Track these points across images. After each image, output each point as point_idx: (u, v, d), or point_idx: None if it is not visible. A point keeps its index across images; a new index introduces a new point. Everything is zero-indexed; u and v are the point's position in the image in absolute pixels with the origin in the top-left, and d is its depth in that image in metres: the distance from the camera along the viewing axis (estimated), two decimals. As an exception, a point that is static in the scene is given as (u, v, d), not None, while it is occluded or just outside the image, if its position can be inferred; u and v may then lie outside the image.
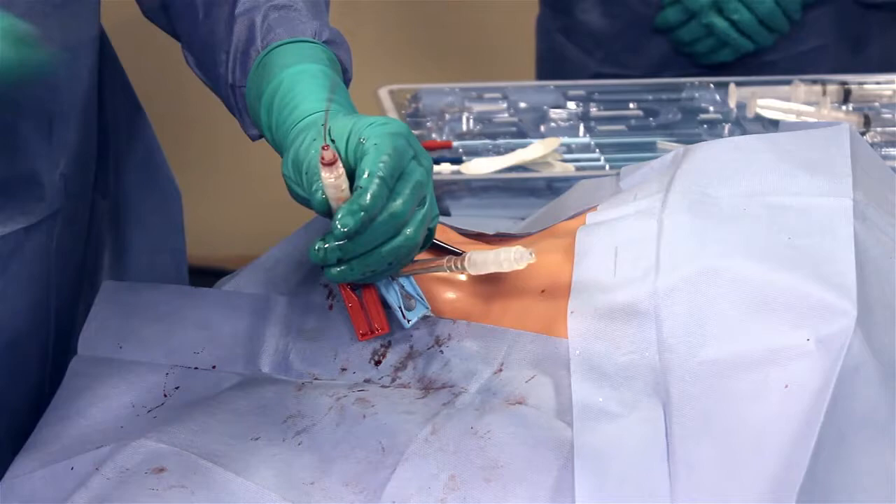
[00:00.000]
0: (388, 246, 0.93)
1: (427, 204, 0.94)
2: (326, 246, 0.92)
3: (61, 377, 1.04)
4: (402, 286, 0.99)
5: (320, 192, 0.91)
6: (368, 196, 0.90)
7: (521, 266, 0.95)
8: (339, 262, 0.93)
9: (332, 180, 0.90)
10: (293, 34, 1.02)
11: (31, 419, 1.03)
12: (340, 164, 0.90)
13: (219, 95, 1.08)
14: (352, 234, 0.90)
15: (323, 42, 1.03)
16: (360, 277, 0.94)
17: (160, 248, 1.25)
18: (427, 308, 0.99)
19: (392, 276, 0.98)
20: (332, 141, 0.92)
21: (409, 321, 0.99)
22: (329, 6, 1.10)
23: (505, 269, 0.95)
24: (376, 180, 0.90)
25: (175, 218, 1.28)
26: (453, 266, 0.97)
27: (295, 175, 0.93)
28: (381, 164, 0.90)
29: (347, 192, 0.91)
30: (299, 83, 0.98)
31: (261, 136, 1.05)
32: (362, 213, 0.89)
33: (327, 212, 0.92)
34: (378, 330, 0.99)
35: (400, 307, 0.99)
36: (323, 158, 0.89)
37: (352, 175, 0.91)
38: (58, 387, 1.03)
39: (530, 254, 0.94)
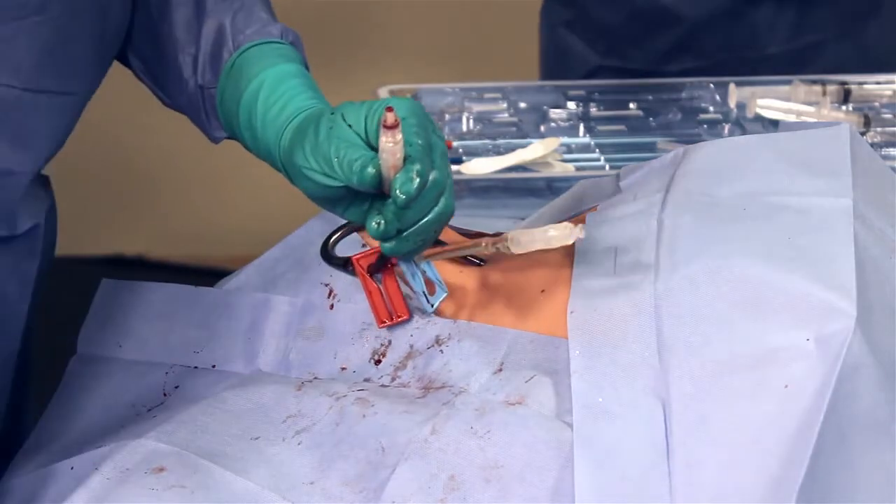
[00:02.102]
0: (432, 213, 0.93)
1: (450, 175, 0.95)
2: (385, 219, 0.93)
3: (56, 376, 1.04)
4: (424, 272, 1.00)
5: (370, 166, 0.90)
6: (419, 163, 0.90)
7: (569, 242, 0.92)
8: (399, 232, 0.94)
9: (391, 145, 0.90)
10: (263, 35, 1.03)
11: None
12: (400, 130, 0.91)
13: (167, 98, 1.08)
14: (412, 200, 0.91)
15: (289, 43, 1.04)
16: (413, 248, 0.95)
17: None
18: (446, 292, 1.00)
19: (415, 262, 0.99)
20: (350, 126, 0.93)
21: (432, 305, 0.99)
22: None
23: (554, 245, 0.92)
24: (419, 148, 0.91)
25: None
26: (491, 246, 0.96)
27: (319, 164, 0.93)
28: (415, 132, 0.91)
29: (401, 159, 0.91)
30: (283, 82, 1.00)
31: (225, 139, 1.06)
32: (418, 179, 0.90)
33: (377, 185, 0.91)
34: (399, 316, 0.99)
35: (423, 292, 0.99)
36: (385, 121, 0.90)
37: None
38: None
39: (581, 228, 0.92)
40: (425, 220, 0.93)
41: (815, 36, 1.78)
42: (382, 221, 0.93)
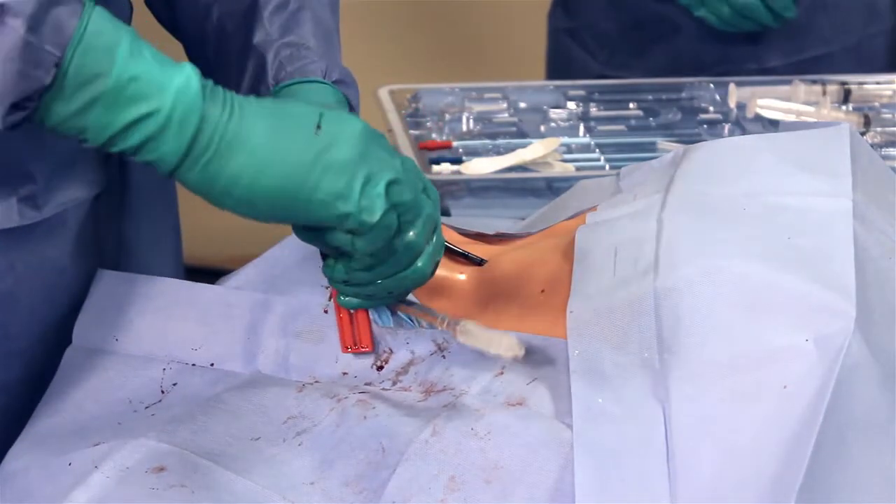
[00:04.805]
0: (394, 277, 0.94)
1: (435, 238, 0.95)
2: (336, 265, 0.95)
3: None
4: (394, 311, 1.01)
5: None
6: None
7: (507, 355, 0.94)
8: (345, 283, 0.96)
9: None
10: (303, 74, 1.03)
11: None
12: None
13: None
14: (377, 263, 0.93)
15: (332, 82, 1.03)
16: (360, 303, 0.97)
17: (160, 249, 1.25)
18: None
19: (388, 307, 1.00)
20: None
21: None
22: (339, 32, 1.10)
23: (491, 352, 0.94)
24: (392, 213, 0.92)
25: (173, 216, 1.29)
26: (446, 326, 0.97)
27: None
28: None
29: None
30: None
31: None
32: (380, 244, 0.92)
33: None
34: (363, 347, 1.00)
35: (391, 328, 1.01)
36: None
37: None
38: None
39: (521, 348, 0.93)
40: (381, 282, 0.95)
41: (818, 50, 1.77)
42: (332, 265, 0.95)
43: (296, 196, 0.88)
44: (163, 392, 1.01)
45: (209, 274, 1.21)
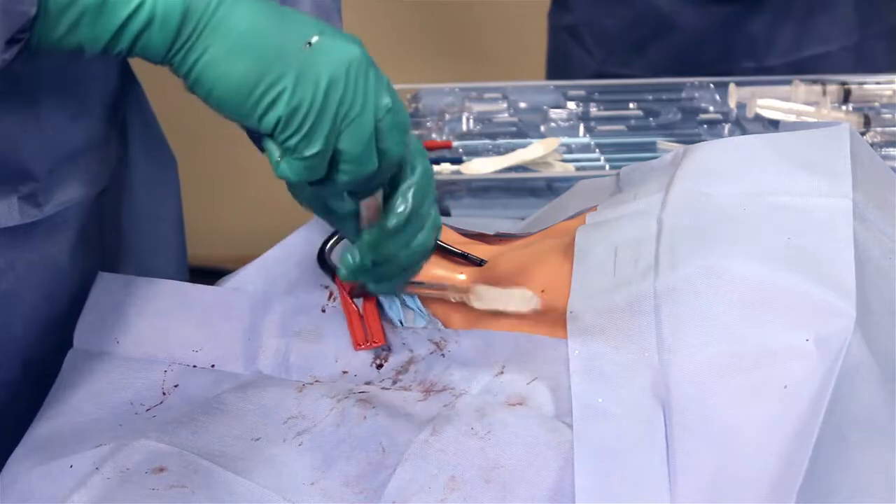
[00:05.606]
0: (403, 252, 0.94)
1: (434, 210, 0.95)
2: (354, 250, 0.94)
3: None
4: (404, 300, 1.01)
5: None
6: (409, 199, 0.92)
7: (525, 310, 0.97)
8: (373, 264, 0.95)
9: (368, 200, 0.92)
10: None
11: None
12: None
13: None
14: (400, 228, 0.93)
15: None
16: (378, 287, 0.97)
17: (162, 248, 1.25)
18: (425, 320, 1.01)
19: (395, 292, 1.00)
20: None
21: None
22: (340, 12, 1.10)
23: (510, 309, 0.97)
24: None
25: (177, 215, 1.29)
26: (458, 295, 1.00)
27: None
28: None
29: (376, 213, 0.93)
30: None
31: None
32: (395, 220, 0.92)
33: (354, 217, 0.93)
34: (375, 343, 1.00)
35: (400, 320, 1.01)
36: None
37: None
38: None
39: (538, 301, 0.96)
40: (396, 258, 0.95)
41: (817, 49, 1.77)
42: (355, 258, 0.94)
43: (256, 98, 0.85)
44: (164, 394, 1.01)
45: (210, 274, 1.21)
